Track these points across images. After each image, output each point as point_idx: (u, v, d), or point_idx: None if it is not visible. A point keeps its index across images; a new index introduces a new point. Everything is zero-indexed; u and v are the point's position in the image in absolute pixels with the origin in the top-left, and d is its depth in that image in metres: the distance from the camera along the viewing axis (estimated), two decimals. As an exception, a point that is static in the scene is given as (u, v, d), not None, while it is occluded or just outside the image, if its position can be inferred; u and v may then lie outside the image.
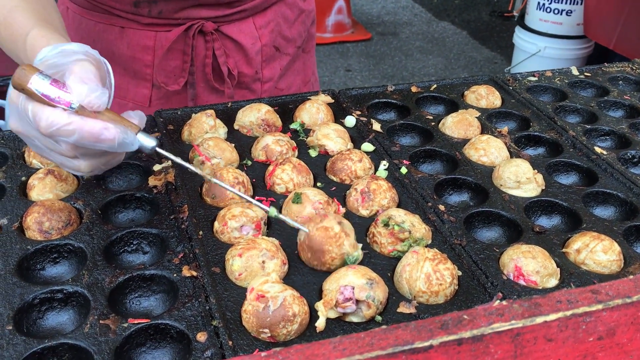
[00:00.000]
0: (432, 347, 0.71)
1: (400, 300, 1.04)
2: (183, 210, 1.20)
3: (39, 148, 1.06)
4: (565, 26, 5.13)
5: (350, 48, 6.49)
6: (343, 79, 5.87)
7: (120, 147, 1.01)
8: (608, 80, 1.80)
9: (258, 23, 1.62)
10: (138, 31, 1.55)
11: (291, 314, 0.94)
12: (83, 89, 0.96)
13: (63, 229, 1.15)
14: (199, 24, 1.53)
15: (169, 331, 0.98)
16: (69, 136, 0.97)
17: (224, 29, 1.58)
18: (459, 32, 7.01)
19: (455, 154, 1.42)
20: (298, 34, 1.74)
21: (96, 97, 0.97)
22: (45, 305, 1.03)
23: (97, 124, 0.97)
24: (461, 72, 6.05)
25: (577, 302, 0.76)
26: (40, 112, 0.96)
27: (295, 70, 1.81)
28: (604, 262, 1.13)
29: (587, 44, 5.21)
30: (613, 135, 1.55)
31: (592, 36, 4.54)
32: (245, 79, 1.66)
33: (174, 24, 1.53)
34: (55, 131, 0.97)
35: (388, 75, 5.97)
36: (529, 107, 1.64)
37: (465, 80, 1.74)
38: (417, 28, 7.07)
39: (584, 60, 5.34)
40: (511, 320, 0.73)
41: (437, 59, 6.34)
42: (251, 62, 1.64)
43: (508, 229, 1.24)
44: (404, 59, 6.32)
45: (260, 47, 1.64)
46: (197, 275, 1.06)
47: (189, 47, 1.55)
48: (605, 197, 1.33)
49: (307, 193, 1.19)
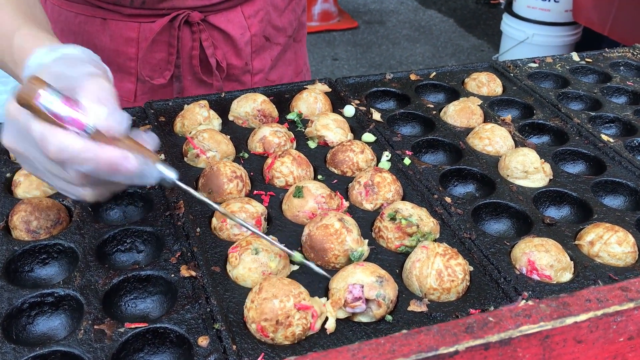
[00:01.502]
0: (457, 352, 0.66)
1: (410, 298, 0.99)
2: (179, 207, 1.14)
3: (38, 171, 0.92)
4: (553, 13, 5.10)
5: (337, 37, 6.42)
6: (330, 68, 5.81)
7: (139, 179, 0.89)
8: (609, 66, 1.76)
9: (247, 12, 1.55)
10: (120, 22, 1.47)
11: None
12: (102, 112, 0.84)
13: (52, 228, 1.09)
14: (185, 14, 1.46)
15: (168, 335, 0.93)
16: (82, 164, 0.84)
17: (211, 19, 1.51)
18: (445, 20, 6.96)
19: (459, 144, 1.37)
20: (289, 22, 1.67)
21: (116, 122, 0.85)
22: (35, 310, 0.97)
23: (116, 152, 0.84)
24: (449, 60, 6.01)
25: (607, 301, 0.72)
26: (50, 135, 0.82)
27: (287, 61, 1.74)
28: (619, 255, 1.09)
29: (575, 31, 5.18)
30: (618, 122, 1.51)
31: (585, 22, 4.51)
32: (235, 71, 1.60)
33: (158, 14, 1.46)
34: (67, 158, 0.83)
35: (375, 64, 5.91)
36: (531, 94, 1.59)
37: (464, 68, 1.69)
38: (403, 16, 7.01)
39: (572, 47, 5.32)
40: (540, 322, 0.69)
41: (424, 47, 6.29)
42: (240, 53, 1.57)
43: (517, 221, 1.20)
44: (391, 47, 6.26)
45: (249, 37, 1.57)
46: (197, 275, 1.00)
47: (174, 39, 1.48)
48: (614, 187, 1.29)
49: (308, 186, 1.14)
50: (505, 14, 5.40)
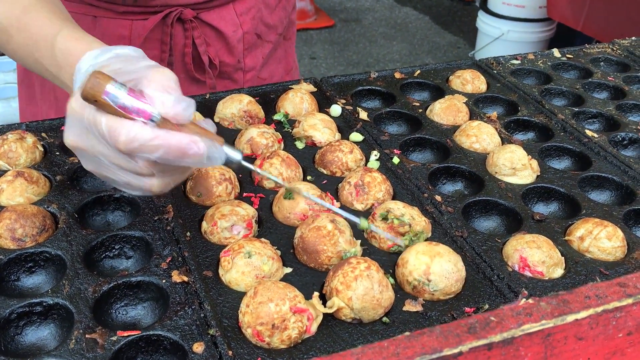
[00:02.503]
0: (461, 353, 0.66)
1: (405, 298, 0.99)
2: (167, 211, 1.12)
3: (102, 166, 0.91)
4: (527, 9, 5.15)
5: (314, 35, 6.40)
6: (308, 66, 5.79)
7: (209, 162, 0.90)
8: (590, 62, 1.78)
9: (239, 9, 1.54)
10: (113, 20, 1.45)
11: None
12: (169, 100, 0.84)
13: (38, 236, 1.06)
14: (178, 12, 1.44)
15: (162, 343, 0.91)
16: (153, 152, 0.84)
17: (204, 16, 1.49)
18: (421, 17, 6.99)
19: (446, 142, 1.37)
20: (279, 20, 1.66)
21: (183, 109, 0.85)
22: (23, 320, 0.94)
23: (185, 137, 0.85)
24: (425, 58, 6.03)
25: (606, 297, 0.72)
26: (120, 127, 0.83)
27: (277, 59, 1.73)
28: (609, 249, 1.10)
29: (549, 27, 5.24)
30: (601, 117, 1.53)
31: (558, 18, 4.56)
32: (227, 69, 1.58)
33: (151, 11, 1.44)
34: (137, 147, 0.83)
35: (353, 62, 5.91)
36: (515, 91, 1.60)
37: (448, 65, 1.70)
38: (379, 14, 7.02)
39: (547, 43, 5.38)
40: (541, 320, 0.69)
41: (401, 44, 6.31)
42: (233, 50, 1.56)
43: (507, 217, 1.20)
44: (368, 45, 6.26)
45: (241, 34, 1.56)
46: (189, 280, 0.99)
47: (167, 36, 1.46)
48: (600, 182, 1.30)
49: (299, 188, 1.13)
50: (481, 11, 5.44)
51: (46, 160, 1.25)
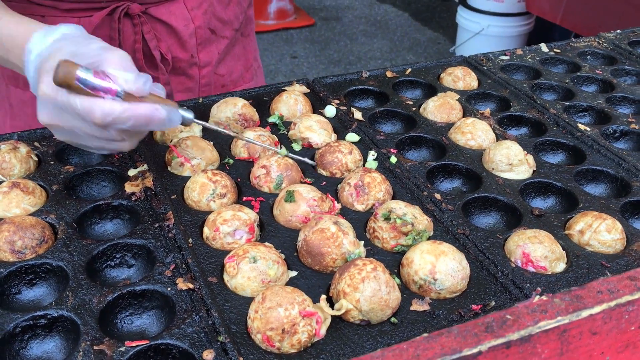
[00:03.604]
0: (480, 353, 0.66)
1: (412, 298, 0.99)
2: (168, 218, 1.11)
3: (76, 137, 1.06)
4: (506, 4, 5.20)
5: (295, 34, 6.39)
6: (290, 66, 5.78)
7: (170, 124, 1.06)
8: (577, 56, 1.79)
9: (189, 4, 1.52)
10: (59, 19, 1.42)
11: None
12: (130, 77, 0.99)
13: (37, 247, 1.05)
14: (124, 6, 1.42)
15: (171, 351, 0.90)
16: (125, 123, 1.00)
17: (152, 11, 1.47)
18: (400, 14, 7.01)
19: (442, 140, 1.37)
20: (234, 15, 1.65)
21: (143, 83, 1.00)
22: (28, 334, 0.93)
23: (148, 107, 1.01)
24: (406, 54, 6.05)
25: (618, 292, 0.73)
26: (94, 105, 0.98)
27: (235, 56, 1.72)
28: (609, 242, 1.11)
29: (528, 21, 5.29)
30: (592, 110, 1.54)
31: (537, 12, 4.61)
32: (181, 64, 1.57)
33: (97, 7, 1.42)
34: (111, 121, 0.99)
35: (334, 60, 5.91)
36: (506, 86, 1.61)
37: (439, 63, 1.70)
38: (359, 12, 7.03)
39: (526, 37, 5.43)
40: (557, 317, 0.69)
41: (381, 41, 6.32)
42: (185, 45, 1.55)
43: (506, 213, 1.21)
44: (349, 43, 6.27)
45: (193, 29, 1.54)
46: (194, 287, 0.98)
47: (115, 32, 1.44)
48: (595, 175, 1.31)
49: (299, 190, 1.13)
50: (460, 7, 5.47)
51: (41, 170, 1.24)
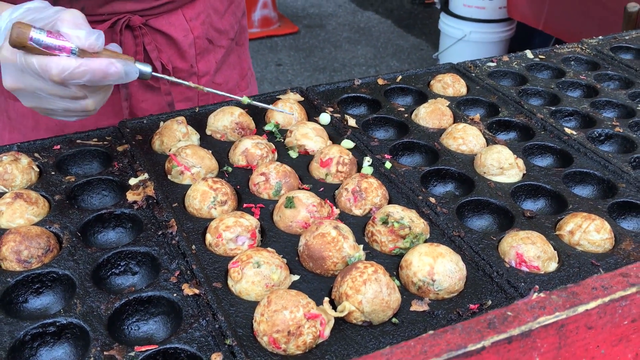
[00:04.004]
0: (484, 348, 0.69)
1: (411, 299, 1.02)
2: (171, 225, 1.13)
3: (41, 99, 1.11)
4: (488, 10, 5.27)
5: (279, 42, 6.43)
6: (275, 73, 5.82)
7: (127, 77, 1.11)
8: (562, 62, 1.84)
9: (188, 15, 1.56)
10: None
11: None
12: (81, 34, 1.04)
13: (43, 256, 1.06)
14: (126, 19, 1.46)
15: (179, 355, 0.93)
16: (81, 77, 1.05)
17: (153, 23, 1.51)
18: (383, 21, 7.08)
19: (434, 145, 1.41)
20: (230, 25, 1.69)
21: (95, 39, 1.06)
22: (37, 341, 0.95)
23: (103, 61, 1.06)
24: (390, 60, 6.12)
25: (612, 288, 0.76)
26: (49, 62, 1.03)
27: (231, 64, 1.76)
28: (598, 242, 1.15)
29: (509, 27, 5.38)
30: (577, 115, 1.59)
31: (519, 18, 4.68)
32: (181, 74, 1.60)
33: (99, 20, 1.45)
34: (67, 75, 1.04)
35: (319, 67, 5.96)
36: (494, 92, 1.65)
37: (428, 70, 1.74)
38: (342, 19, 7.09)
39: (508, 42, 5.52)
40: (555, 313, 0.73)
41: (365, 48, 6.38)
42: (185, 55, 1.58)
43: (499, 216, 1.24)
44: (333, 50, 6.32)
45: (192, 39, 1.58)
46: (200, 292, 1.00)
47: (117, 44, 1.47)
48: (583, 177, 1.36)
49: (299, 196, 1.16)
50: (443, 13, 5.54)
51: (42, 180, 1.25)
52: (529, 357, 0.72)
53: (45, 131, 1.55)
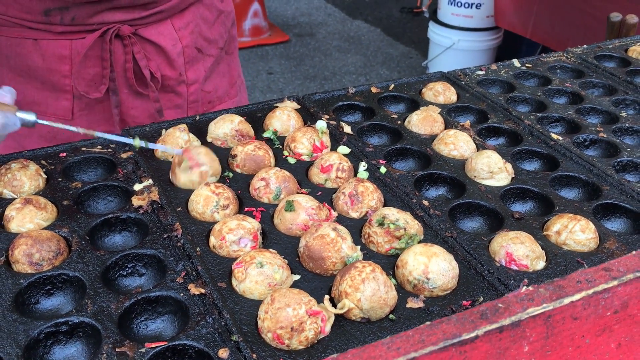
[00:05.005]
0: (477, 337, 0.74)
1: (407, 296, 1.07)
2: (176, 228, 1.18)
3: None
4: (476, 19, 5.36)
5: (270, 51, 6.49)
6: (266, 82, 5.87)
7: (5, 129, 1.17)
8: (548, 70, 1.91)
9: (177, 25, 1.61)
10: (52, 41, 1.50)
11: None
12: None
13: (54, 259, 1.11)
14: (115, 28, 1.50)
15: (187, 352, 0.97)
16: None
17: (142, 32, 1.56)
18: (373, 29, 7.16)
19: (426, 150, 1.47)
20: (219, 34, 1.74)
21: None
22: (50, 340, 0.99)
23: None
24: (380, 69, 6.19)
25: (595, 281, 0.82)
26: None
27: (221, 73, 1.81)
28: (583, 241, 1.21)
29: (496, 35, 5.47)
30: (563, 121, 1.65)
31: (507, 26, 4.77)
32: (170, 82, 1.65)
33: (89, 29, 1.49)
34: None
35: (310, 75, 6.02)
36: (483, 100, 1.71)
37: (420, 78, 1.80)
38: (332, 28, 7.17)
39: (495, 51, 5.60)
40: (542, 304, 0.78)
41: (355, 57, 6.45)
42: (173, 64, 1.63)
43: (489, 217, 1.30)
44: (324, 59, 6.38)
45: (181, 48, 1.63)
46: (206, 292, 1.05)
47: (107, 53, 1.52)
48: (569, 180, 1.42)
49: (298, 200, 1.21)
50: (431, 22, 5.63)
51: (50, 186, 1.30)
52: (518, 345, 0.78)
53: (38, 138, 1.59)
